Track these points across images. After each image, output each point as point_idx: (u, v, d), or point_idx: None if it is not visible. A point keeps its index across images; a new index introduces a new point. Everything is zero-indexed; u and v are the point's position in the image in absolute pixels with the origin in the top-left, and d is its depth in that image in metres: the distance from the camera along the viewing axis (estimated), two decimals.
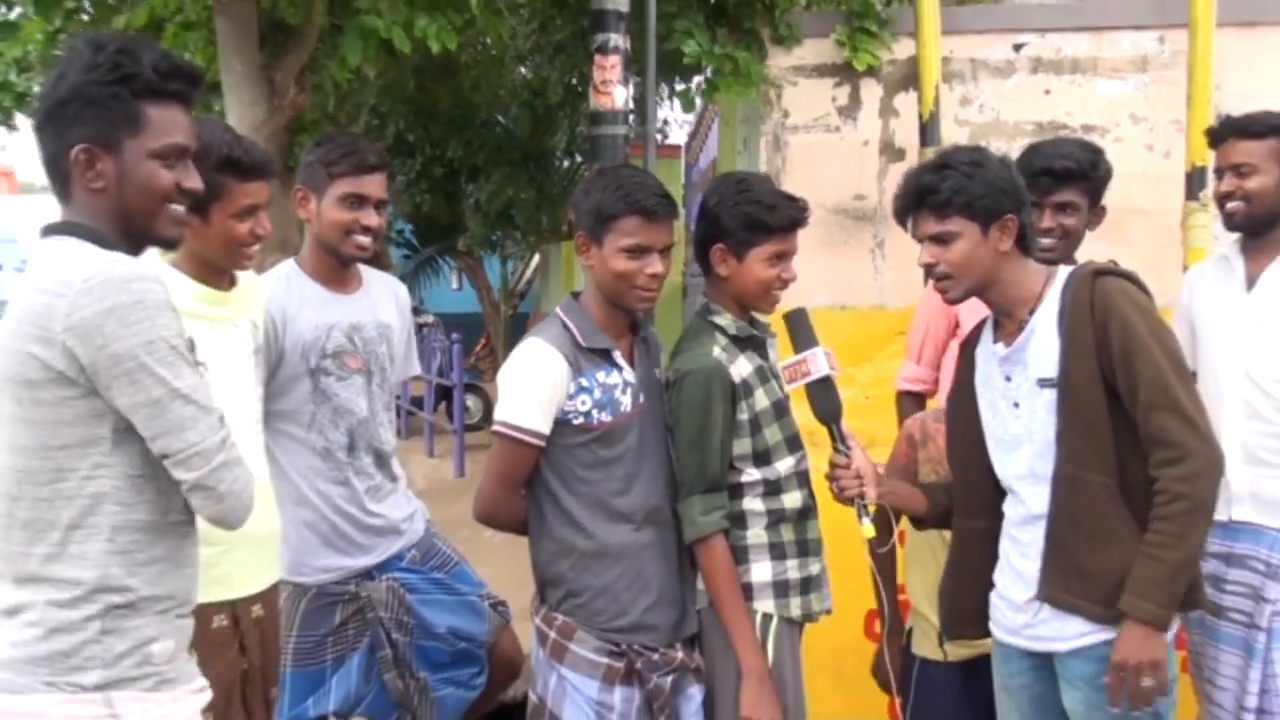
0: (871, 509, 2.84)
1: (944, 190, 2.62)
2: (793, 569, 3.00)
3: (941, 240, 2.64)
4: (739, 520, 2.97)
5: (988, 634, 2.86)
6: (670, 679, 2.90)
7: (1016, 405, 2.68)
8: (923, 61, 4.88)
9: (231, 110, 5.23)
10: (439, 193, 12.53)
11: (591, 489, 2.86)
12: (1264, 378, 3.09)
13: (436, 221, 13.84)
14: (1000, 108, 5.05)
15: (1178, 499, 2.46)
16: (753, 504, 2.98)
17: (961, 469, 2.90)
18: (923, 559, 3.32)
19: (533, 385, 2.82)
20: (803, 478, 3.00)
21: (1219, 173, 3.22)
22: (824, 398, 2.81)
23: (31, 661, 1.99)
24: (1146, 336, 2.53)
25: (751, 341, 2.98)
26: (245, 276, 3.04)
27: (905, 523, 3.11)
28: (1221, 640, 3.12)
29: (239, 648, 2.90)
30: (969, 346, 2.90)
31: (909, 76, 5.05)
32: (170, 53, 2.11)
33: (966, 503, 2.88)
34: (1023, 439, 2.67)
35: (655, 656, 2.88)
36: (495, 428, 2.86)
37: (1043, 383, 2.62)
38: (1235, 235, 3.28)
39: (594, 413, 2.83)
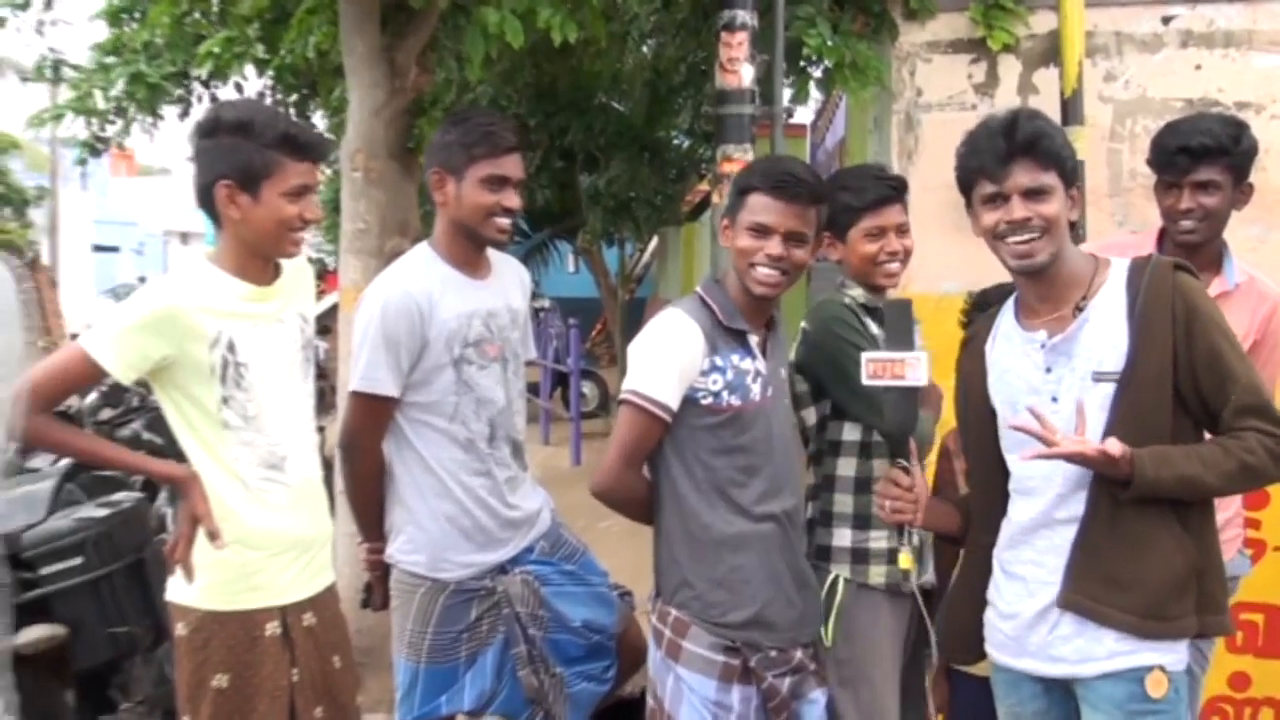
0: (915, 537, 2.84)
1: (1054, 139, 2.57)
2: (877, 539, 3.07)
3: (1038, 194, 2.55)
4: (829, 484, 3.12)
5: (983, 657, 2.78)
6: (788, 680, 2.90)
7: (1055, 400, 2.58)
8: (1065, 36, 4.76)
9: (353, 93, 5.33)
10: (555, 183, 12.64)
11: (713, 475, 2.87)
12: None
13: (549, 207, 13.94)
14: (1148, 84, 4.93)
15: (1253, 453, 2.44)
16: (845, 468, 3.10)
17: (980, 481, 2.82)
18: None
19: (668, 356, 2.85)
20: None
21: None
22: (905, 405, 2.71)
23: None
24: (1230, 339, 2.51)
25: (877, 313, 3.08)
26: (291, 266, 3.06)
27: None
28: None
29: (290, 658, 2.93)
30: (972, 344, 2.83)
31: (1050, 51, 4.95)
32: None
33: (983, 516, 2.79)
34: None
35: (773, 654, 2.88)
36: (624, 396, 2.89)
37: (1099, 376, 2.53)
38: None
39: (724, 394, 2.85)
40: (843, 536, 3.11)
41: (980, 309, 3.14)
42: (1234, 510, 3.39)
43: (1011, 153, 2.56)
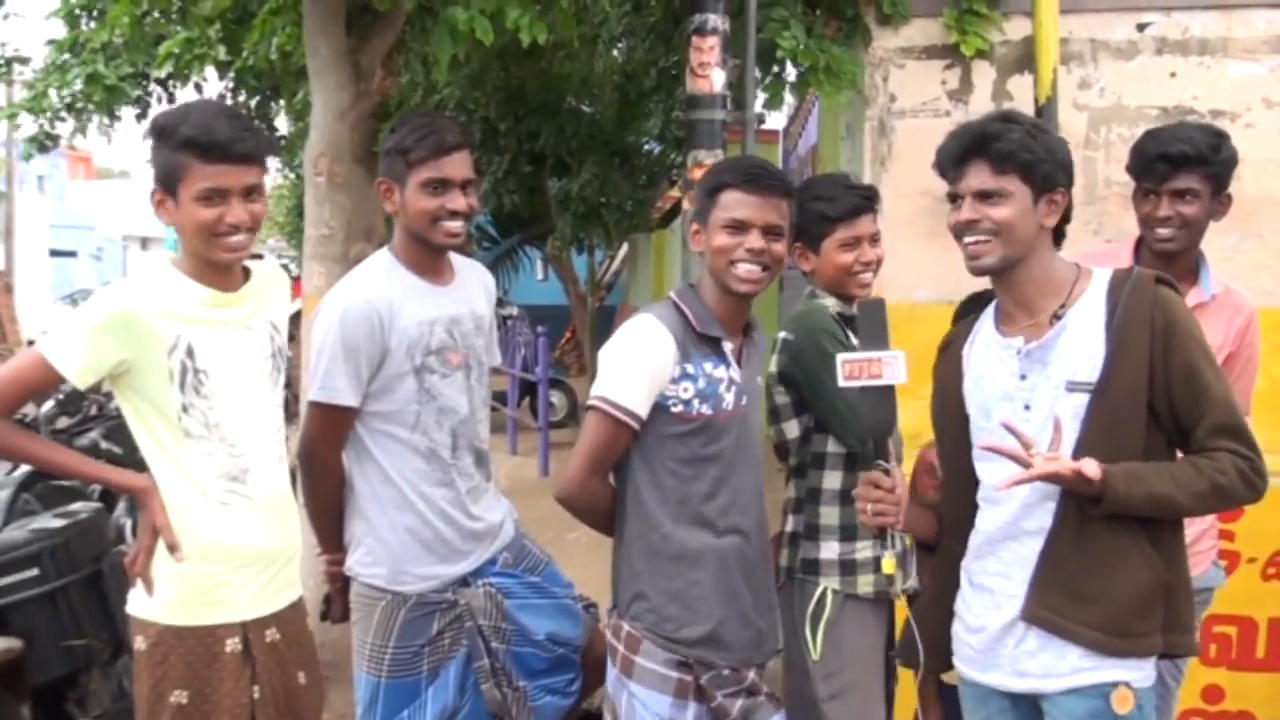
0: (897, 542, 2.79)
1: (1009, 141, 2.55)
2: (863, 549, 3.10)
3: (991, 196, 2.56)
4: (814, 497, 3.15)
5: (952, 666, 2.79)
6: (740, 702, 2.90)
7: (1027, 408, 2.60)
8: (1039, 42, 4.81)
9: (317, 96, 5.33)
10: (524, 188, 12.60)
11: (680, 486, 2.88)
12: None
13: (518, 213, 13.92)
14: (1122, 91, 4.96)
15: (1225, 474, 2.46)
16: (830, 480, 3.13)
17: (953, 488, 2.84)
18: None
19: (638, 362, 2.86)
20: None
21: None
22: (884, 406, 2.67)
23: None
24: (1207, 355, 2.54)
25: (852, 323, 3.13)
26: (263, 272, 3.04)
27: None
28: None
29: (251, 675, 2.91)
30: (950, 348, 2.85)
31: (1024, 58, 4.98)
32: None
33: (955, 524, 2.81)
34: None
35: (725, 673, 2.88)
36: (592, 402, 2.90)
37: (1073, 386, 2.55)
38: None
39: (695, 402, 2.86)
40: (830, 549, 3.13)
41: (972, 308, 3.14)
42: (1208, 522, 3.43)
43: (965, 154, 2.59)
